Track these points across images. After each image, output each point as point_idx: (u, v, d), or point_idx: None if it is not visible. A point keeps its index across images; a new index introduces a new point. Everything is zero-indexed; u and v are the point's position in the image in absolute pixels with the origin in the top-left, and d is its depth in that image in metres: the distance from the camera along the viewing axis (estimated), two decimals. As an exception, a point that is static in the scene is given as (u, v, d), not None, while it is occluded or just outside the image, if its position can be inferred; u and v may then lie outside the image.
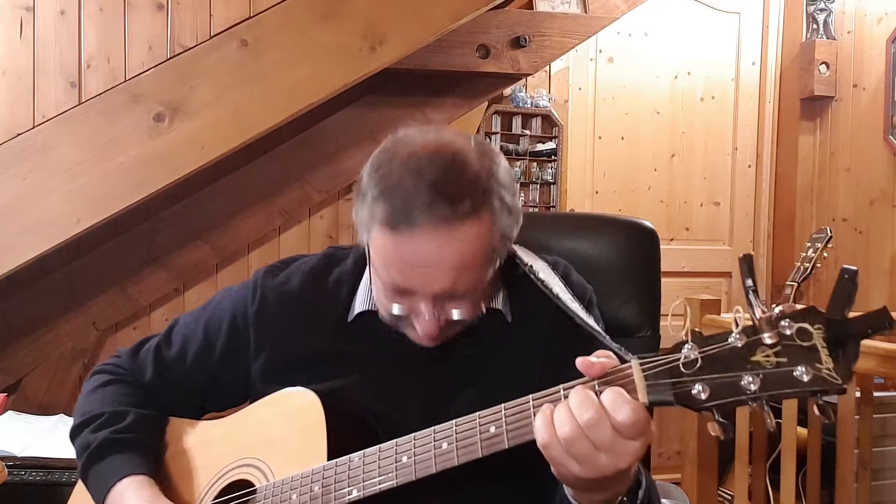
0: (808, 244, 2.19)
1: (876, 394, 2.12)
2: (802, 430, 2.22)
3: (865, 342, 0.69)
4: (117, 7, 2.09)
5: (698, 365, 0.72)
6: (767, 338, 0.68)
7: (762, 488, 2.43)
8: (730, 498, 2.53)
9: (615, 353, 0.82)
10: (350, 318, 1.05)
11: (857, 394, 2.06)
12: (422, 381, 1.02)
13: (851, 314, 0.68)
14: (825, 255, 2.16)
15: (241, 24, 2.14)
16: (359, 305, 1.05)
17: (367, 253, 0.99)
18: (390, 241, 0.90)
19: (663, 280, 1.43)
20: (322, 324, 1.06)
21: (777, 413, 2.27)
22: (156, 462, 1.06)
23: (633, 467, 0.83)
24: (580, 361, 0.78)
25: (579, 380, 0.79)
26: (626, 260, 1.39)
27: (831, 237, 2.15)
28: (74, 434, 1.08)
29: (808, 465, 2.20)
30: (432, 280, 0.91)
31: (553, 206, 3.16)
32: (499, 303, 1.05)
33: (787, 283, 2.18)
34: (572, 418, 0.75)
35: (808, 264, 2.14)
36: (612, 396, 0.75)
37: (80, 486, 1.12)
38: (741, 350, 0.70)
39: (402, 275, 0.92)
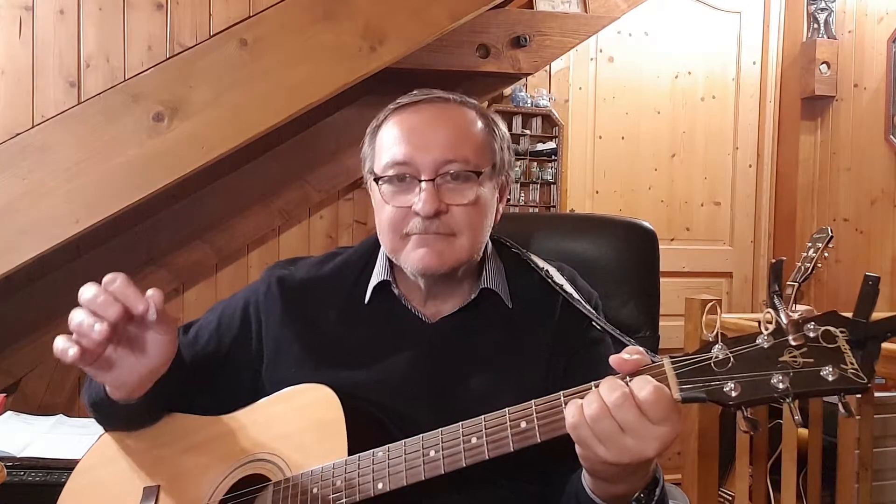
0: (809, 244, 2.18)
1: (877, 394, 2.12)
2: (803, 431, 2.22)
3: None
4: (117, 6, 2.09)
5: (730, 364, 0.75)
6: (792, 340, 0.72)
7: (763, 489, 2.43)
8: (730, 498, 2.53)
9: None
10: (367, 299, 1.09)
11: (858, 394, 2.05)
12: (429, 374, 1.03)
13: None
14: (826, 255, 2.15)
15: (241, 24, 2.14)
16: (375, 277, 1.10)
17: (371, 182, 1.07)
18: (395, 119, 1.04)
19: (664, 280, 1.43)
20: (330, 305, 1.10)
21: (777, 413, 2.28)
22: (160, 407, 1.06)
23: (653, 464, 0.85)
24: (614, 359, 0.80)
25: (611, 376, 0.81)
26: (626, 260, 1.39)
27: (832, 237, 2.14)
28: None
29: (808, 466, 2.19)
30: (432, 144, 1.00)
31: (553, 206, 3.15)
32: (496, 287, 1.09)
33: (788, 282, 2.17)
34: (599, 399, 0.78)
35: (808, 264, 2.13)
36: (638, 380, 0.78)
37: (69, 485, 1.13)
38: (769, 351, 0.74)
39: (404, 143, 1.01)
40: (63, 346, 0.86)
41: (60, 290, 2.63)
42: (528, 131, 3.15)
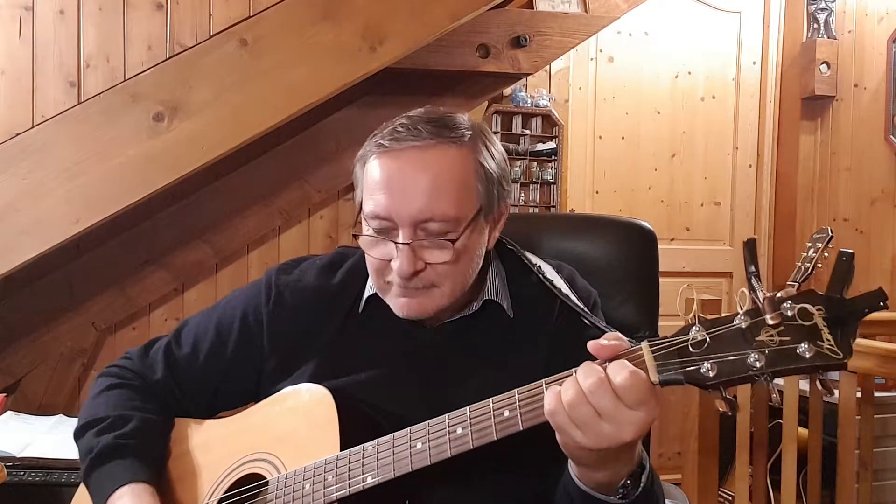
0: (809, 244, 2.17)
1: (877, 394, 2.12)
2: (803, 431, 2.22)
3: (866, 342, 0.72)
4: (116, 6, 2.09)
5: (706, 345, 0.75)
6: (770, 319, 0.72)
7: (763, 489, 2.43)
8: (730, 498, 2.53)
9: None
10: (361, 307, 1.09)
11: (858, 394, 2.05)
12: (426, 377, 1.04)
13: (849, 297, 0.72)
14: (826, 255, 2.15)
15: (241, 24, 2.14)
16: (368, 290, 1.09)
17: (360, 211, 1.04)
18: (377, 162, 0.99)
19: (663, 280, 1.43)
20: (334, 315, 1.09)
21: (777, 414, 2.28)
22: (158, 467, 1.06)
23: (638, 450, 0.85)
24: (592, 344, 0.80)
25: (588, 361, 0.81)
26: (625, 260, 1.39)
27: (832, 237, 2.13)
28: (78, 435, 1.09)
29: (808, 466, 2.19)
30: (410, 198, 0.96)
31: (553, 206, 3.15)
32: (499, 297, 1.08)
33: (788, 282, 2.15)
34: (576, 384, 0.78)
35: (808, 264, 2.13)
36: (614, 364, 0.78)
37: (82, 488, 1.12)
38: (746, 330, 0.74)
39: (384, 195, 0.97)
40: None
41: (60, 290, 2.63)
42: (528, 131, 3.15)
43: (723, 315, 0.76)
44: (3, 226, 2.01)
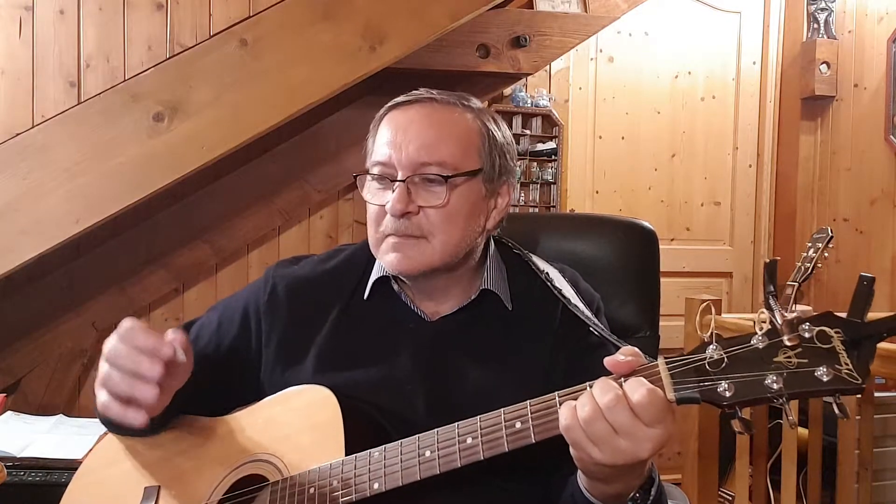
0: (809, 244, 2.18)
1: (877, 394, 2.12)
2: (803, 431, 2.22)
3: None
4: (117, 7, 2.09)
5: (724, 364, 0.75)
6: (787, 340, 0.72)
7: (763, 489, 2.43)
8: (730, 498, 2.53)
9: None
10: (366, 294, 1.10)
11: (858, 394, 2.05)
12: (427, 373, 1.04)
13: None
14: (826, 255, 2.15)
15: (241, 24, 2.14)
16: (375, 273, 1.10)
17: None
18: (387, 118, 1.06)
19: (664, 280, 1.43)
20: (331, 301, 1.10)
21: (777, 413, 2.28)
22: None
23: (648, 463, 0.85)
24: (608, 360, 0.80)
25: (604, 377, 0.81)
26: (626, 260, 1.39)
27: (832, 237, 2.14)
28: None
29: (808, 466, 2.19)
30: (410, 140, 1.01)
31: (553, 206, 3.15)
32: (496, 288, 1.09)
33: (788, 283, 2.16)
34: (593, 401, 0.77)
35: (808, 264, 2.13)
36: (632, 381, 0.77)
37: (72, 486, 1.13)
38: (763, 351, 0.74)
39: (388, 144, 1.02)
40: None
41: (60, 290, 2.63)
42: (528, 131, 3.15)
43: (741, 335, 0.76)
44: (3, 226, 2.01)
